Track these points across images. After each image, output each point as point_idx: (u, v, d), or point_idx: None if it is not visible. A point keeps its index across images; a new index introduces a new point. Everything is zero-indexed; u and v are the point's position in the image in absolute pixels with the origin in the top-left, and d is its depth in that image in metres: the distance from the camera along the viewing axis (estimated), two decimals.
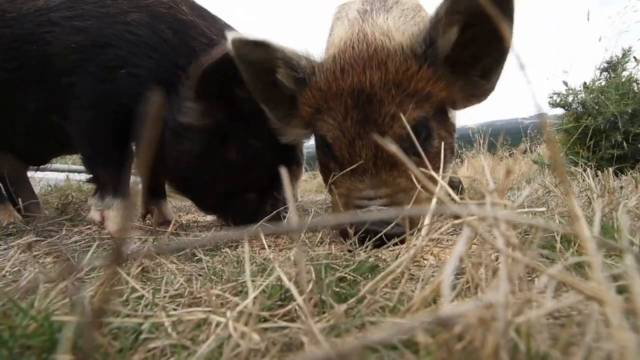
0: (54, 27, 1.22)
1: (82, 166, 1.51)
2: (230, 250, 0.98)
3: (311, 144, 1.29)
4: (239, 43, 1.06)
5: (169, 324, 0.46)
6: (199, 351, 0.39)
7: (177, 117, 1.21)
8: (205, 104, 1.19)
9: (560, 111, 2.89)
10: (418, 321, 0.20)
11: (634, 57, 2.87)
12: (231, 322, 0.40)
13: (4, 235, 1.22)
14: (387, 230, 0.84)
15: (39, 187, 2.30)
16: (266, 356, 0.38)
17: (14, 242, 0.99)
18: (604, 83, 2.88)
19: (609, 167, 1.51)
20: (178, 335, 0.45)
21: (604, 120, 2.59)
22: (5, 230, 1.29)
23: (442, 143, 1.00)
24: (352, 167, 0.99)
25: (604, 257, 0.56)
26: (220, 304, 0.54)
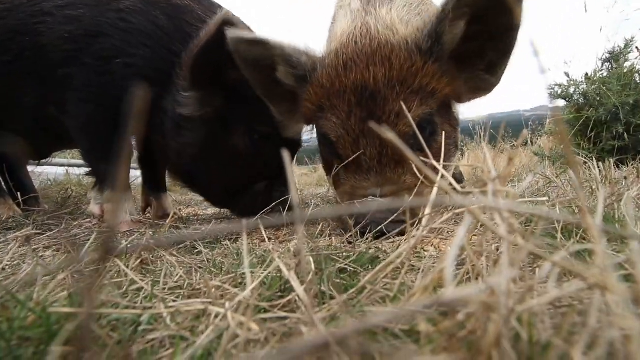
0: (46, 17, 1.19)
1: (82, 160, 1.50)
2: (231, 242, 0.97)
3: (312, 137, 1.28)
4: (236, 40, 1.04)
5: (167, 315, 0.45)
6: (197, 342, 0.38)
7: (175, 108, 1.18)
8: (201, 92, 1.16)
9: (561, 103, 2.87)
10: (419, 305, 0.19)
11: (637, 48, 2.84)
12: (230, 313, 0.39)
13: (4, 229, 1.22)
14: (388, 222, 0.84)
15: (38, 181, 2.30)
16: (266, 346, 0.38)
17: (13, 235, 0.99)
18: (605, 74, 2.85)
19: (610, 159, 1.51)
20: (177, 326, 0.44)
21: (606, 111, 2.57)
22: (4, 224, 1.29)
23: (445, 137, 0.99)
24: (351, 159, 0.97)
25: (606, 246, 0.55)
26: (220, 295, 0.54)
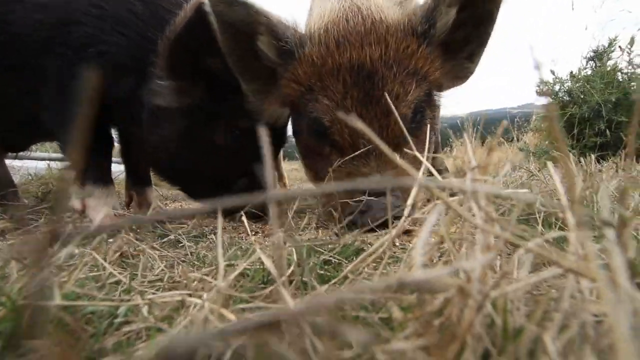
0: (16, 4, 1.13)
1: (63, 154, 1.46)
2: (216, 236, 0.96)
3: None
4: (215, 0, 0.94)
5: (144, 307, 0.44)
6: (173, 333, 0.38)
7: (152, 99, 1.13)
8: (178, 82, 1.10)
9: (544, 101, 2.92)
10: (381, 284, 0.19)
11: (619, 47, 2.90)
12: (207, 304, 0.39)
13: None
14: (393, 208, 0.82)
15: (18, 175, 2.23)
16: (243, 335, 0.37)
17: None
18: (590, 72, 2.91)
19: (592, 154, 1.54)
20: (154, 318, 0.43)
21: (589, 109, 2.63)
22: None
23: (429, 125, 0.99)
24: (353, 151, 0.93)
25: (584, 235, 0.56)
26: (201, 287, 0.53)
